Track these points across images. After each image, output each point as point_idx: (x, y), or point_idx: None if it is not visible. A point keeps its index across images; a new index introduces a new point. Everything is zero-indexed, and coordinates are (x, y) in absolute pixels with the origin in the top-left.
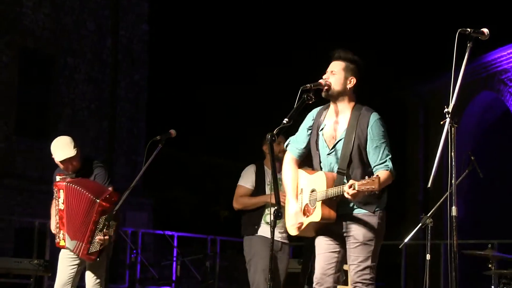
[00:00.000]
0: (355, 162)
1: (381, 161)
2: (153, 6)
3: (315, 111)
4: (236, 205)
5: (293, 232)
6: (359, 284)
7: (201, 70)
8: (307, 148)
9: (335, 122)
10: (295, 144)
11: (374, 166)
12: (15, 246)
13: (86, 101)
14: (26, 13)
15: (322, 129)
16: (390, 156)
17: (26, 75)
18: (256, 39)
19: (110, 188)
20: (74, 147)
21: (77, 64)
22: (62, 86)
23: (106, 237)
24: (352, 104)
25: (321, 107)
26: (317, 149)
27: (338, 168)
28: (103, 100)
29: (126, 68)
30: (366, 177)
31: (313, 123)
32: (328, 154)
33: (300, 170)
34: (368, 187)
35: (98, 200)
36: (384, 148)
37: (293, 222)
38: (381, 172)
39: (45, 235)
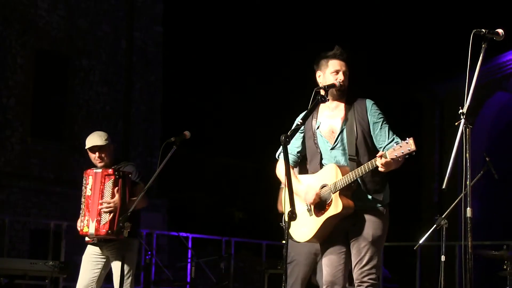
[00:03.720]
0: (361, 149)
1: (390, 140)
2: (167, 8)
3: (302, 115)
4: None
5: (303, 237)
6: (365, 284)
7: (216, 71)
8: (302, 152)
9: (330, 117)
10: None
11: (384, 146)
12: (30, 247)
13: (101, 103)
14: (41, 15)
15: (318, 127)
16: (395, 135)
17: (41, 76)
18: (271, 39)
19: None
20: (106, 139)
21: (92, 65)
22: (77, 87)
23: (111, 200)
24: (345, 98)
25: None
26: (317, 147)
27: (348, 155)
28: (118, 101)
29: (141, 69)
30: (396, 144)
31: (305, 126)
32: (332, 149)
33: (300, 175)
34: (403, 151)
35: (100, 170)
36: (389, 128)
37: (300, 226)
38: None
39: (60, 236)
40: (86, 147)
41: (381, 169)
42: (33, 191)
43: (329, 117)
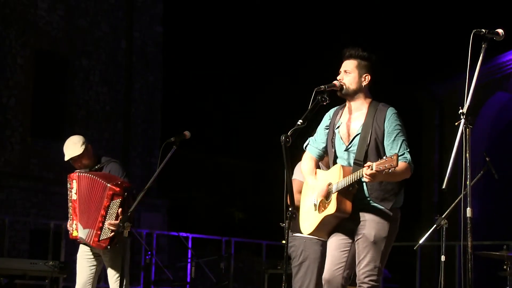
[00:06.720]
0: (371, 156)
1: (399, 154)
2: (167, 8)
3: (332, 111)
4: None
5: (306, 230)
6: (365, 285)
7: (216, 71)
8: (326, 147)
9: (351, 119)
10: (314, 144)
11: None
12: (30, 247)
13: (100, 103)
14: (41, 15)
15: (338, 127)
16: (408, 150)
17: (41, 76)
18: (271, 39)
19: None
20: (82, 145)
21: (92, 65)
22: (76, 87)
23: (116, 221)
24: (369, 100)
25: (338, 106)
26: (333, 147)
27: (355, 159)
28: (118, 101)
29: (141, 69)
30: (384, 157)
31: (330, 122)
32: (345, 151)
33: (317, 170)
34: (386, 165)
35: (108, 185)
36: (402, 142)
37: (306, 219)
38: (399, 164)
39: (60, 236)
40: (65, 160)
41: (365, 179)
42: (33, 191)
43: (349, 119)
